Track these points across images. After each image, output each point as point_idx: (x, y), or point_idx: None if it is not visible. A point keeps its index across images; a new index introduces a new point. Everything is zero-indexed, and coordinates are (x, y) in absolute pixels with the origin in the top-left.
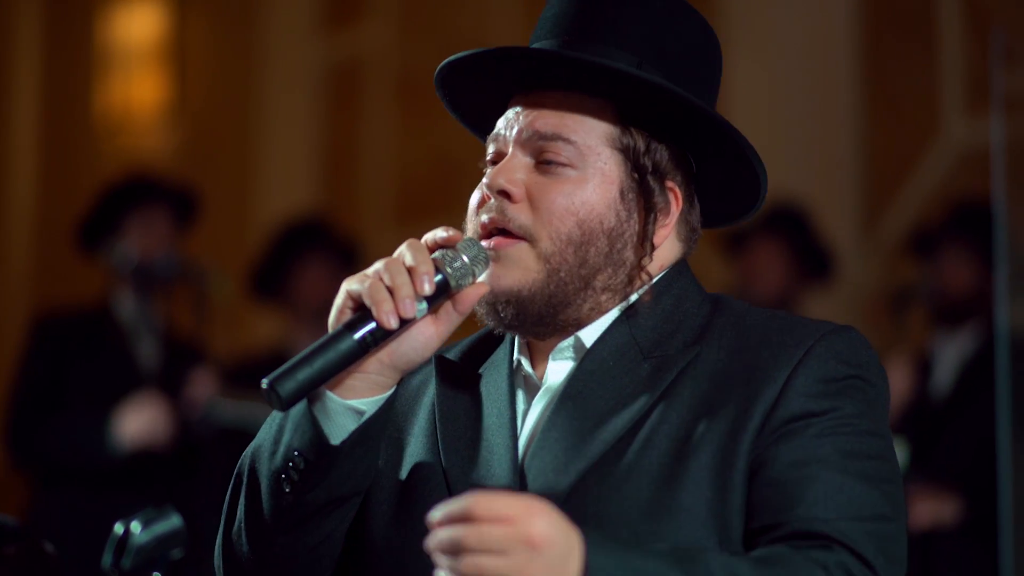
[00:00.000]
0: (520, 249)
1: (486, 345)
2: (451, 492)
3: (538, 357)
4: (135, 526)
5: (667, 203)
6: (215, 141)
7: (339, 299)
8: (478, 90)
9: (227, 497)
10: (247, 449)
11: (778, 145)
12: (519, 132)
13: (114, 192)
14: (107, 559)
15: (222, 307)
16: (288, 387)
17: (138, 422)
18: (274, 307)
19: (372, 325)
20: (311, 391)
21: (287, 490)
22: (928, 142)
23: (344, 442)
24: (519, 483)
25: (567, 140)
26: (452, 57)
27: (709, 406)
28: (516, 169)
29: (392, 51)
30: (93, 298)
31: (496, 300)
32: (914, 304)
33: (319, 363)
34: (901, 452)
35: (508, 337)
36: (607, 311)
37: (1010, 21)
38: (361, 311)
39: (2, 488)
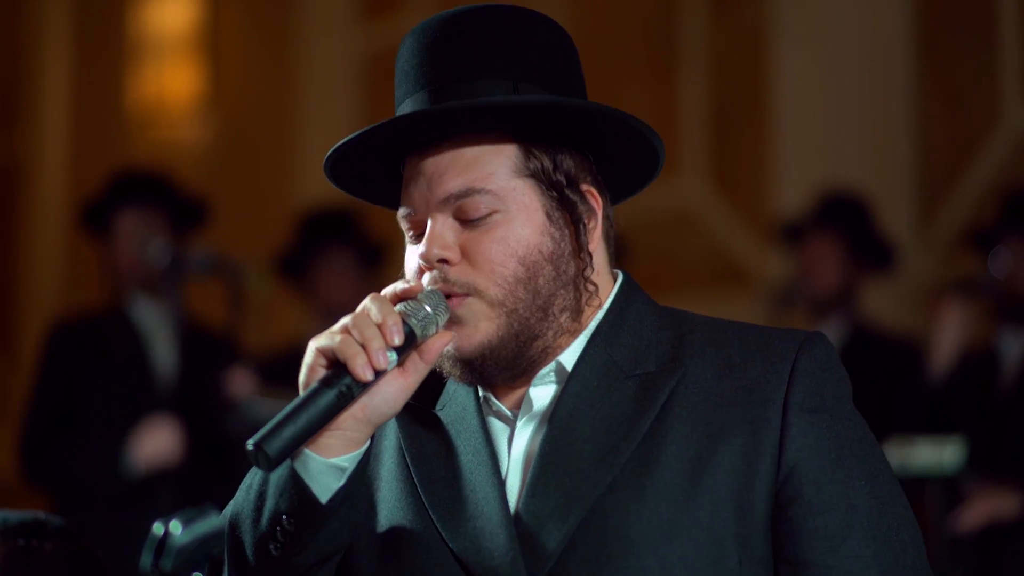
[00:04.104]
0: (471, 304)
1: (430, 381)
2: (442, 536)
3: (501, 390)
4: (175, 526)
5: (589, 207)
6: (251, 133)
7: (309, 357)
8: (368, 166)
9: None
10: (224, 517)
11: (833, 136)
12: (432, 199)
13: (110, 187)
14: (146, 560)
15: (260, 303)
16: (275, 447)
17: (152, 445)
18: (297, 294)
19: (348, 379)
20: (295, 448)
21: (276, 555)
22: (987, 131)
23: (332, 500)
24: (512, 517)
25: (482, 191)
26: (335, 146)
27: (711, 427)
28: (444, 234)
29: None
30: (106, 301)
31: (471, 358)
32: (975, 299)
33: (303, 420)
34: (958, 450)
35: None
36: (571, 332)
37: None
38: (334, 367)
39: (18, 500)
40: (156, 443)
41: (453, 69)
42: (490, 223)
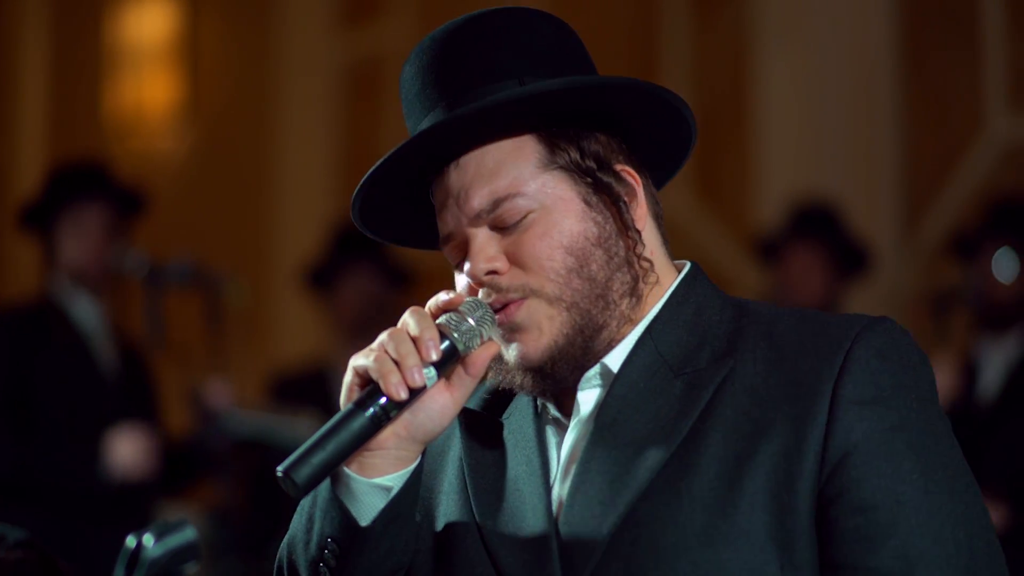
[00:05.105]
0: (530, 307)
1: (505, 389)
2: (487, 548)
3: (563, 395)
4: (147, 539)
5: (628, 186)
6: (230, 142)
7: (347, 377)
8: (396, 204)
9: None
10: (284, 540)
11: (816, 143)
12: (464, 217)
13: (51, 182)
14: (118, 573)
15: (238, 313)
16: (303, 473)
17: (128, 454)
18: (322, 307)
19: (382, 399)
20: (327, 475)
21: None
22: (971, 139)
23: (374, 522)
24: (554, 528)
25: (510, 197)
26: (356, 192)
27: (755, 425)
28: (485, 247)
29: (412, 48)
30: (34, 295)
31: (541, 364)
32: (957, 307)
33: (332, 445)
34: None
35: None
36: (633, 320)
37: None
38: (370, 386)
39: None
40: (131, 452)
41: (457, 83)
42: (528, 223)
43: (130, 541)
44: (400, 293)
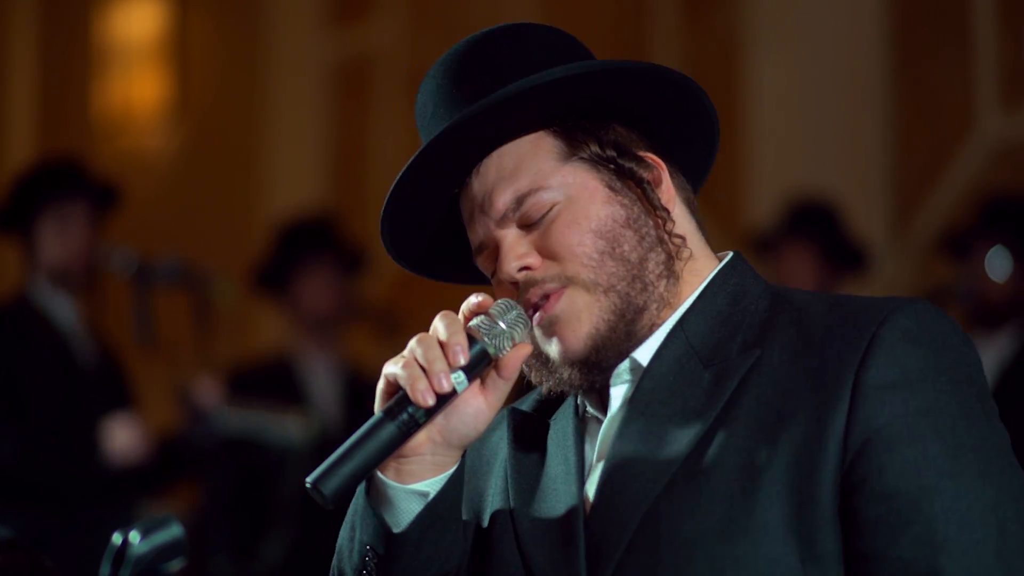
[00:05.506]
0: (569, 296)
1: (558, 393)
2: (520, 548)
3: (601, 392)
4: (134, 536)
5: (651, 168)
6: (219, 141)
7: (379, 385)
8: (427, 230)
9: None
10: (335, 550)
11: (808, 142)
12: (491, 221)
13: (28, 181)
14: (105, 570)
15: (226, 312)
16: (331, 485)
17: (125, 440)
18: (276, 305)
19: (411, 406)
20: (356, 484)
21: None
22: (961, 138)
23: (409, 528)
24: (582, 527)
25: (532, 192)
26: (384, 211)
27: (777, 415)
28: (516, 245)
29: (401, 46)
30: (10, 293)
31: (585, 354)
32: (949, 305)
33: (360, 455)
34: None
35: None
36: (672, 305)
37: None
38: (399, 394)
39: None
40: (128, 439)
41: (467, 96)
42: (554, 215)
43: (116, 538)
44: (358, 278)
